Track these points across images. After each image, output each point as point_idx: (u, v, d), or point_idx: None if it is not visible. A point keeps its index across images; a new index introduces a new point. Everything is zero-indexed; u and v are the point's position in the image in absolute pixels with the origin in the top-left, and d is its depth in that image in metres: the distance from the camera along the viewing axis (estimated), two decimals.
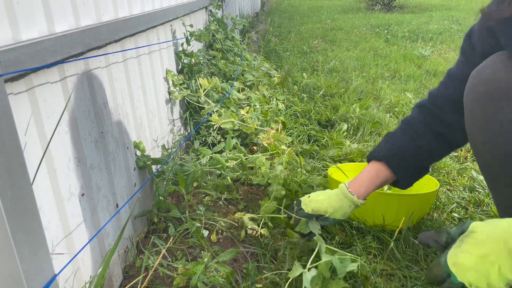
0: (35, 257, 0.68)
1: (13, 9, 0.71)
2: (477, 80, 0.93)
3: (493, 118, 0.91)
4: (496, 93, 0.89)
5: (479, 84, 0.92)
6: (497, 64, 0.90)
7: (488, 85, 0.90)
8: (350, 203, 1.09)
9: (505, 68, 0.88)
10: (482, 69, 0.93)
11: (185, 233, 1.32)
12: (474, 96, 0.94)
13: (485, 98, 0.91)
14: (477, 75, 0.93)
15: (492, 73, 0.90)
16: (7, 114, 0.62)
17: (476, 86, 0.93)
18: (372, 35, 5.30)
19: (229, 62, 2.51)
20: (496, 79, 0.89)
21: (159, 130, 1.58)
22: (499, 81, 0.88)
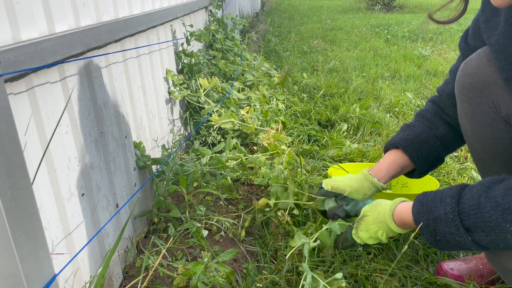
0: (35, 257, 0.68)
1: (13, 9, 0.71)
2: (463, 72, 0.97)
3: (478, 108, 0.96)
4: (479, 85, 0.94)
5: (465, 76, 0.97)
6: (481, 57, 0.94)
7: (472, 77, 0.95)
8: (370, 185, 1.09)
9: (488, 62, 0.92)
10: (469, 62, 0.97)
11: (185, 233, 1.32)
12: (461, 88, 0.98)
13: (470, 89, 0.96)
14: (464, 68, 0.98)
15: (477, 66, 0.94)
16: (7, 114, 0.62)
17: (462, 78, 0.98)
18: (372, 35, 5.30)
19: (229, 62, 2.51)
20: (480, 72, 0.93)
21: (159, 130, 1.58)
22: (482, 74, 0.93)
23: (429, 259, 1.18)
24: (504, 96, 0.91)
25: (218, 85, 1.90)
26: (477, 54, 0.96)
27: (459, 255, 1.20)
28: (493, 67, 0.92)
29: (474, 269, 1.07)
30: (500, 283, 1.06)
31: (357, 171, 1.55)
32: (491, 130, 0.96)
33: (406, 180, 1.48)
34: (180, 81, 1.78)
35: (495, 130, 0.95)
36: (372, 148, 1.94)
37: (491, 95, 0.92)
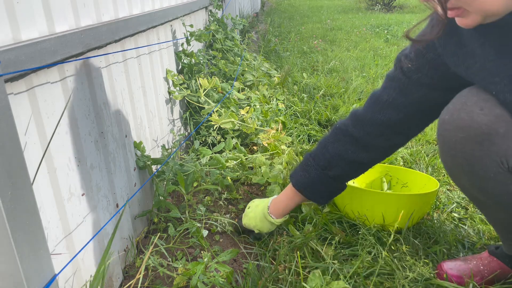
0: (35, 257, 0.68)
1: (13, 9, 0.71)
2: (453, 126, 0.90)
3: (478, 163, 0.89)
4: (477, 139, 0.87)
5: (456, 130, 0.89)
6: (471, 107, 0.87)
7: (467, 131, 0.87)
8: (271, 224, 1.25)
9: (481, 111, 0.86)
10: (456, 113, 0.90)
11: (185, 233, 1.32)
12: (453, 143, 0.91)
13: (466, 144, 0.89)
14: (451, 121, 0.90)
15: (469, 118, 0.87)
16: (7, 114, 0.62)
17: (453, 132, 0.90)
18: (372, 35, 5.30)
19: (229, 62, 2.51)
20: (475, 124, 0.86)
21: (159, 130, 1.58)
22: (478, 126, 0.86)
23: (429, 259, 1.18)
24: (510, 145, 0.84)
25: (218, 85, 1.90)
26: (461, 103, 0.89)
27: (459, 255, 1.20)
28: (489, 115, 0.85)
29: (475, 270, 1.07)
30: (500, 284, 1.06)
31: None
32: (494, 184, 0.90)
33: (406, 180, 1.48)
34: (180, 81, 1.78)
35: (499, 183, 0.89)
36: None
37: (494, 147, 0.85)
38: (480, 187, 0.94)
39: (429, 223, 1.34)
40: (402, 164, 1.78)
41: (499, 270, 1.06)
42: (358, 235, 1.26)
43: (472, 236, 1.29)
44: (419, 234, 1.29)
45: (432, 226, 1.32)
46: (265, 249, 1.26)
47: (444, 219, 1.38)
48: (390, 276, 1.11)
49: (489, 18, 0.74)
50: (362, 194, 1.33)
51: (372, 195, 1.31)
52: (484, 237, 1.28)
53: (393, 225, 1.27)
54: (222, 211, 1.46)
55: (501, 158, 0.86)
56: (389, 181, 1.52)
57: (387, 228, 1.28)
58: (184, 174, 1.38)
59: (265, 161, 1.59)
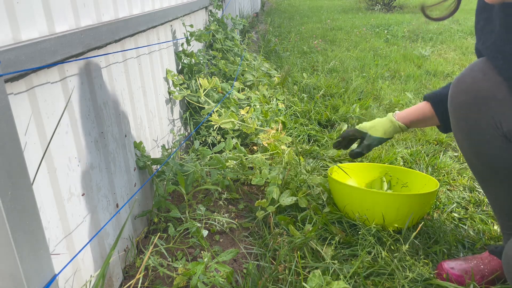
0: (35, 257, 0.68)
1: (13, 9, 0.71)
2: (458, 89, 0.96)
3: (475, 126, 0.95)
4: (476, 102, 0.92)
5: (460, 93, 0.95)
6: (476, 73, 0.93)
7: (468, 94, 0.93)
8: (389, 122, 1.31)
9: (484, 77, 0.91)
10: (462, 78, 0.95)
11: (185, 233, 1.32)
12: (457, 105, 0.97)
13: (467, 107, 0.95)
14: (458, 84, 0.96)
15: (472, 82, 0.93)
16: (7, 114, 0.62)
17: (457, 94, 0.96)
18: (372, 35, 5.30)
19: (229, 62, 2.51)
20: (476, 88, 0.92)
21: (159, 130, 1.58)
22: (479, 90, 0.91)
23: (429, 259, 1.18)
24: (505, 111, 0.89)
25: (218, 85, 1.90)
26: (470, 70, 0.95)
27: (459, 255, 1.20)
28: (490, 81, 0.90)
29: (475, 269, 1.07)
30: (500, 283, 1.06)
31: (357, 171, 1.56)
32: (489, 147, 0.95)
33: (406, 180, 1.48)
34: (180, 81, 1.78)
35: (494, 147, 0.94)
36: None
37: (490, 111, 0.91)
38: (478, 151, 0.98)
39: (429, 223, 1.34)
40: (402, 164, 1.78)
41: (500, 270, 1.06)
42: (358, 235, 1.26)
43: (472, 236, 1.29)
44: (419, 234, 1.29)
45: (432, 226, 1.32)
46: (265, 249, 1.26)
47: (444, 219, 1.38)
48: (390, 276, 1.11)
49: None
50: (362, 194, 1.33)
51: (372, 195, 1.31)
52: (484, 237, 1.28)
53: (393, 225, 1.27)
54: (222, 211, 1.46)
55: (496, 122, 0.91)
56: (389, 181, 1.52)
57: (387, 228, 1.28)
58: (184, 174, 1.38)
59: (264, 161, 1.59)
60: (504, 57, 0.89)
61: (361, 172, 1.56)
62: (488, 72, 0.91)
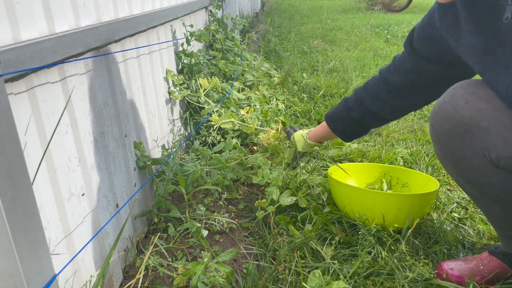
0: (35, 257, 0.68)
1: (13, 9, 0.71)
2: (440, 117, 0.95)
3: (461, 154, 0.94)
4: (459, 131, 0.91)
5: (442, 121, 0.95)
6: (456, 100, 0.91)
7: (451, 123, 0.92)
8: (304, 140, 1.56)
9: (465, 104, 0.89)
10: (443, 105, 0.94)
11: (185, 233, 1.32)
12: (440, 133, 0.97)
13: (450, 135, 0.94)
14: (439, 112, 0.95)
15: (453, 110, 0.91)
16: (7, 114, 0.62)
17: (439, 123, 0.95)
18: (372, 35, 5.30)
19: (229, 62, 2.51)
20: (459, 117, 0.90)
21: (159, 130, 1.58)
22: (461, 118, 0.90)
23: (429, 259, 1.18)
24: (491, 139, 0.87)
25: (218, 85, 1.90)
26: (450, 97, 0.93)
27: (459, 255, 1.20)
28: (472, 109, 0.88)
29: (475, 270, 1.07)
30: (500, 284, 1.06)
31: (357, 171, 1.56)
32: (478, 174, 0.94)
33: (406, 180, 1.48)
34: (180, 81, 1.78)
35: (483, 174, 0.93)
36: (372, 148, 1.94)
37: (475, 140, 0.89)
38: (466, 178, 0.98)
39: (429, 223, 1.34)
40: (402, 164, 1.78)
41: (499, 270, 1.06)
42: (358, 235, 1.26)
43: (472, 236, 1.29)
44: (419, 234, 1.29)
45: (432, 226, 1.32)
46: (265, 249, 1.26)
47: (444, 219, 1.38)
48: (390, 276, 1.11)
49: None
50: (362, 194, 1.33)
51: (372, 195, 1.31)
52: (484, 237, 1.28)
53: (393, 225, 1.27)
54: (222, 211, 1.46)
55: (482, 150, 0.89)
56: (389, 181, 1.52)
57: (387, 228, 1.28)
58: (184, 174, 1.38)
59: (265, 161, 1.59)
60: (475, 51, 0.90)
61: (361, 172, 1.56)
62: (470, 99, 0.89)
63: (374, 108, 1.30)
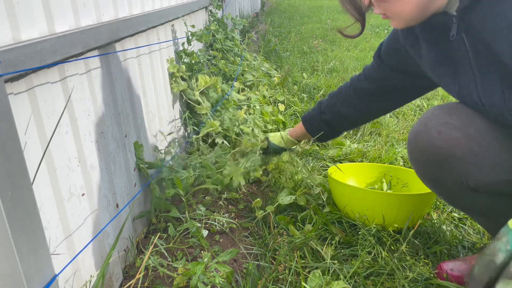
0: (35, 257, 0.68)
1: (13, 9, 0.71)
2: (415, 147, 0.98)
3: (441, 182, 0.97)
4: (437, 162, 0.93)
5: (419, 151, 0.97)
6: (430, 130, 0.93)
7: (428, 154, 0.95)
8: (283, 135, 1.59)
9: (439, 136, 0.92)
10: (418, 135, 0.97)
11: (185, 233, 1.32)
12: (418, 163, 1.00)
13: (429, 165, 0.97)
14: (415, 142, 0.98)
15: (428, 142, 0.94)
16: (7, 114, 0.62)
17: (416, 153, 0.99)
18: (372, 35, 5.30)
19: (229, 62, 2.51)
20: (434, 148, 0.93)
21: (159, 129, 1.58)
22: (436, 150, 0.92)
23: (429, 259, 1.18)
24: (468, 168, 0.89)
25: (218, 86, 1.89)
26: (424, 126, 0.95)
27: (459, 255, 1.20)
28: (446, 140, 0.90)
29: None
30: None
31: (357, 171, 1.56)
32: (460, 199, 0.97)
33: (406, 180, 1.48)
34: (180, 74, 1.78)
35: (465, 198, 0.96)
36: (372, 148, 1.94)
37: (453, 170, 0.92)
38: (451, 202, 1.03)
39: (429, 223, 1.34)
40: (402, 164, 1.78)
41: None
42: (358, 235, 1.26)
43: (472, 236, 1.29)
44: (419, 234, 1.29)
45: (432, 226, 1.32)
46: (265, 249, 1.26)
47: (444, 219, 1.38)
48: (390, 276, 1.11)
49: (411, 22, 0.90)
50: (362, 194, 1.33)
51: (372, 195, 1.31)
52: (484, 237, 1.28)
53: (393, 225, 1.27)
54: (222, 211, 1.46)
55: (461, 179, 0.92)
56: (389, 181, 1.52)
57: (387, 228, 1.28)
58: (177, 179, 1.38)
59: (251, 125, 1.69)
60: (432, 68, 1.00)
61: (361, 172, 1.56)
62: (442, 130, 0.91)
63: (344, 112, 1.40)
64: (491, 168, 0.88)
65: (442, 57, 0.96)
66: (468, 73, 0.90)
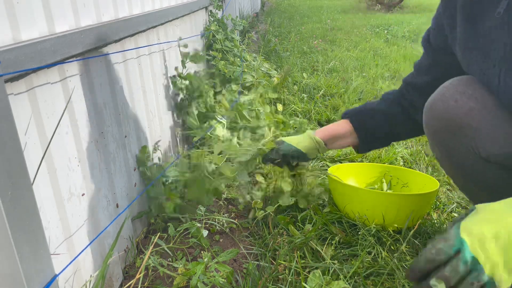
0: (35, 257, 0.68)
1: (13, 9, 0.71)
2: (431, 115, 0.96)
3: (454, 151, 0.95)
4: (451, 129, 0.92)
5: (434, 119, 0.96)
6: (447, 99, 0.92)
7: (442, 122, 0.94)
8: (306, 135, 1.30)
9: (455, 104, 0.90)
10: (434, 103, 0.95)
11: (185, 233, 1.32)
12: (432, 131, 0.98)
13: (442, 133, 0.95)
14: (431, 111, 0.96)
15: (444, 109, 0.92)
16: (7, 114, 0.63)
17: (431, 121, 0.97)
18: (372, 35, 5.30)
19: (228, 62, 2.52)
20: (449, 116, 0.92)
21: (159, 130, 1.58)
22: (452, 118, 0.91)
23: None
24: (482, 138, 0.89)
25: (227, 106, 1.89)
26: (441, 95, 0.94)
27: None
28: (462, 109, 0.90)
29: None
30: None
31: (357, 171, 1.56)
32: (472, 170, 0.95)
33: (406, 180, 1.48)
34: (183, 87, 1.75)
35: (477, 169, 0.94)
36: None
37: (467, 138, 0.91)
38: (460, 173, 0.99)
39: (429, 223, 1.34)
40: (402, 164, 1.78)
41: None
42: (358, 235, 1.26)
43: None
44: (419, 234, 1.29)
45: (432, 226, 1.32)
46: (265, 249, 1.26)
47: (444, 219, 1.37)
48: (390, 276, 1.11)
49: None
50: (362, 194, 1.33)
51: (372, 195, 1.31)
52: None
53: (393, 225, 1.27)
54: (222, 211, 1.46)
55: (474, 149, 0.91)
56: (389, 181, 1.52)
57: (387, 228, 1.28)
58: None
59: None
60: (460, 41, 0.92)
61: (361, 172, 1.56)
62: (459, 99, 0.90)
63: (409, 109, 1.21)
64: (504, 141, 0.87)
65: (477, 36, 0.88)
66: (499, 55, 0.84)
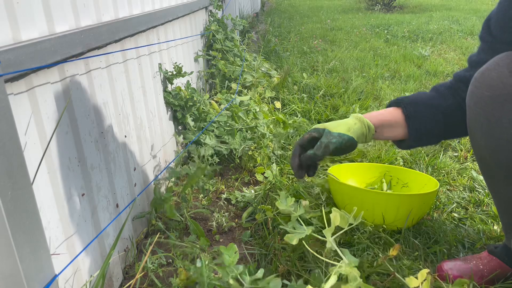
0: (35, 257, 0.68)
1: (13, 9, 0.71)
2: (481, 83, 0.92)
3: (498, 123, 0.90)
4: (500, 99, 0.88)
5: (483, 88, 0.91)
6: (502, 68, 0.89)
7: (493, 90, 0.89)
8: (354, 119, 1.13)
9: (510, 73, 0.87)
10: (486, 72, 0.91)
11: (185, 233, 1.32)
12: (478, 100, 0.93)
13: (490, 103, 0.90)
14: (481, 79, 0.92)
15: (498, 77, 0.89)
16: (7, 114, 0.62)
17: (480, 89, 0.92)
18: (372, 35, 5.30)
19: (228, 62, 2.52)
20: (502, 85, 0.88)
21: (159, 130, 1.58)
22: (505, 87, 0.87)
23: (429, 259, 1.18)
24: None
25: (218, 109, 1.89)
26: (495, 64, 0.91)
27: (459, 255, 1.20)
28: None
29: (474, 269, 1.07)
30: (500, 283, 1.06)
31: (357, 171, 1.56)
32: (508, 146, 0.91)
33: (406, 180, 1.48)
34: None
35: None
36: (372, 148, 1.94)
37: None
38: (495, 150, 0.93)
39: (429, 223, 1.34)
40: (402, 164, 1.78)
41: (499, 270, 1.06)
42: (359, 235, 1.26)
43: (472, 236, 1.29)
44: (419, 234, 1.29)
45: (432, 226, 1.32)
46: (265, 249, 1.26)
47: (444, 219, 1.38)
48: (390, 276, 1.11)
49: None
50: (362, 194, 1.33)
51: (372, 195, 1.31)
52: (484, 237, 1.28)
53: (393, 225, 1.27)
54: (222, 211, 1.46)
55: None
56: (389, 181, 1.52)
57: (387, 228, 1.28)
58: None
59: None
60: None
61: (361, 172, 1.56)
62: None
63: None
64: None
65: None
66: None
